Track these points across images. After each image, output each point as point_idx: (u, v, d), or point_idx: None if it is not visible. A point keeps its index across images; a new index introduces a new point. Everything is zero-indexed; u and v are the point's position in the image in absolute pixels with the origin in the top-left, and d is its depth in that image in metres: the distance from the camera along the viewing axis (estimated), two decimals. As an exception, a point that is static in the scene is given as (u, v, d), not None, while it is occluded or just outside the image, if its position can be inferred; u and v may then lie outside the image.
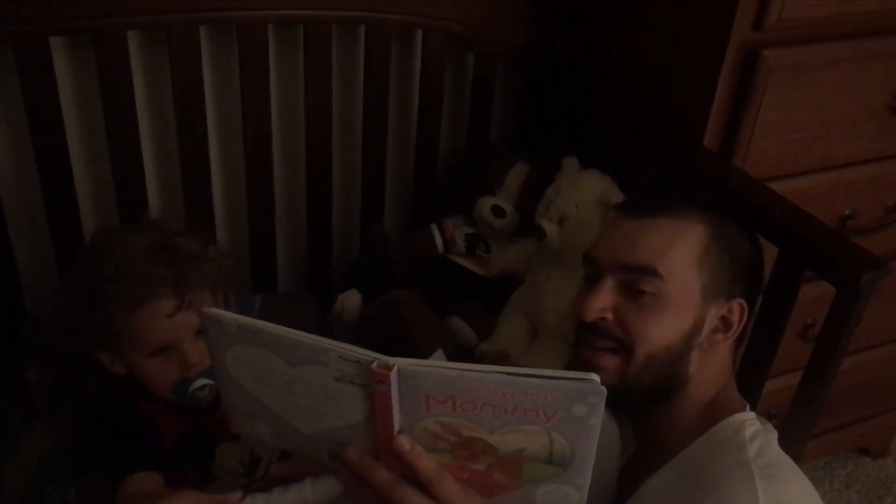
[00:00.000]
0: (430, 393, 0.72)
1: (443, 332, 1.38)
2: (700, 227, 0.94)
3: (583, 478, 0.76)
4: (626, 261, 0.94)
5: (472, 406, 0.72)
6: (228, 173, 1.51)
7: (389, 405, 0.73)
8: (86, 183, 1.39)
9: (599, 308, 0.94)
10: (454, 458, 0.77)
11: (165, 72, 1.33)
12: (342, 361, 0.72)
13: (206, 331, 0.78)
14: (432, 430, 0.75)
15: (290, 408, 0.79)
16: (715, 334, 0.95)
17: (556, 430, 0.72)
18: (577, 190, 1.33)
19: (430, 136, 1.58)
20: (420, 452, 0.76)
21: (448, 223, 1.55)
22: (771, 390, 1.24)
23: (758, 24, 1.17)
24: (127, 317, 0.99)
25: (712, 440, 0.91)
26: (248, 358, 0.77)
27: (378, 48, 1.45)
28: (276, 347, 0.75)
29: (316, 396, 0.76)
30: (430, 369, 0.71)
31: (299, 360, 0.74)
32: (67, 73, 1.31)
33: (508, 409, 0.72)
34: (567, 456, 0.74)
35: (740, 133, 1.23)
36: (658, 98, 1.33)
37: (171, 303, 0.99)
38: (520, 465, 0.76)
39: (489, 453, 0.76)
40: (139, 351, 1.01)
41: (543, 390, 0.70)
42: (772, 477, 0.83)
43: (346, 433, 0.78)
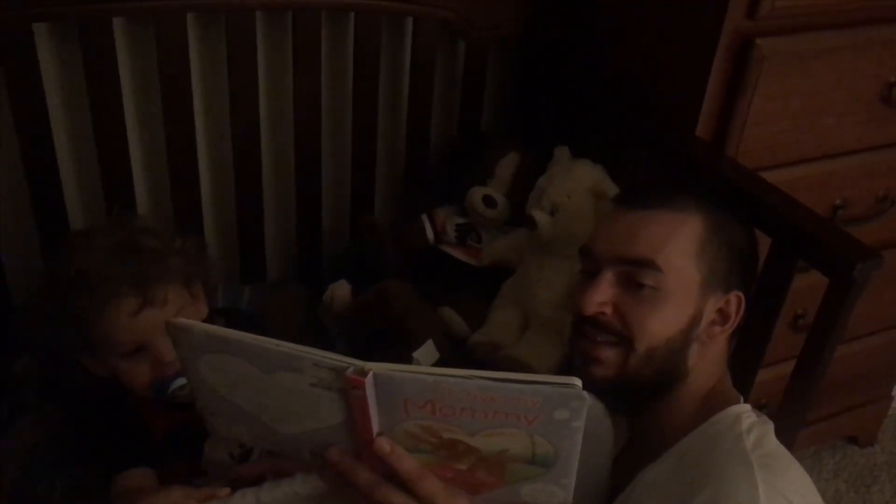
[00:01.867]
0: (408, 397, 0.72)
1: (434, 322, 1.38)
2: (698, 220, 0.94)
3: (568, 477, 0.76)
4: (625, 254, 0.93)
5: (452, 411, 0.72)
6: (216, 162, 1.49)
7: (367, 410, 0.72)
8: (71, 172, 1.38)
9: (598, 302, 0.94)
10: (437, 459, 0.77)
11: (152, 59, 1.31)
12: (317, 368, 0.71)
13: (176, 340, 0.76)
14: (412, 432, 0.74)
15: (267, 411, 0.78)
16: (713, 327, 0.95)
17: (538, 432, 0.72)
18: (569, 179, 1.33)
19: (421, 125, 1.57)
20: (401, 454, 0.75)
21: (439, 213, 1.54)
22: (761, 380, 1.24)
23: (751, 12, 1.16)
24: (93, 319, 0.98)
25: (708, 432, 0.91)
26: (221, 365, 0.76)
27: (368, 35, 1.44)
28: (248, 356, 0.74)
29: (293, 401, 0.75)
30: (406, 375, 0.70)
31: (273, 368, 0.73)
32: (52, 61, 1.29)
33: (489, 413, 0.71)
34: (550, 457, 0.74)
35: (733, 122, 1.23)
36: (651, 87, 1.33)
37: (133, 301, 0.97)
38: (503, 465, 0.76)
39: (471, 454, 0.75)
40: (112, 353, 1.00)
41: (524, 395, 0.69)
42: (770, 467, 0.84)
43: (327, 433, 0.77)
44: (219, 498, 0.79)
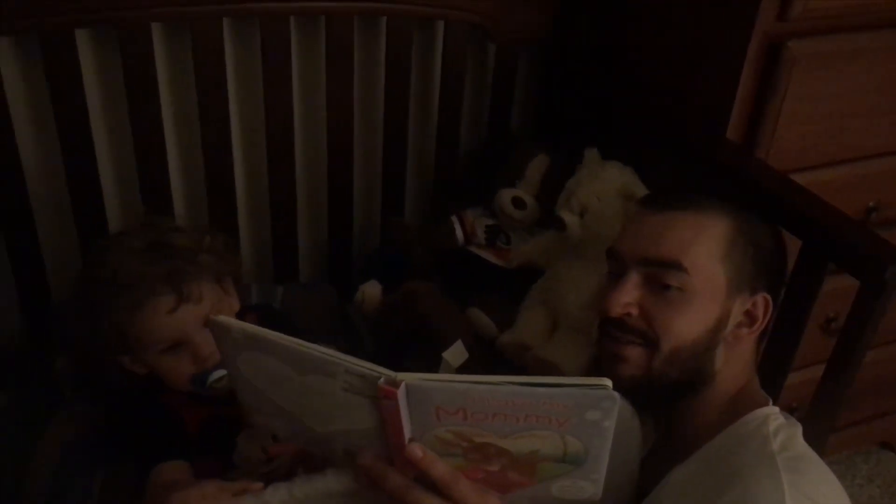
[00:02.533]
0: (440, 405, 0.72)
1: (462, 322, 1.39)
2: (725, 221, 0.94)
3: (598, 473, 0.77)
4: (651, 255, 0.93)
5: (483, 416, 0.72)
6: (251, 165, 1.52)
7: (398, 418, 0.73)
8: (110, 173, 1.41)
9: (624, 303, 0.94)
10: (467, 462, 0.77)
11: (189, 64, 1.34)
12: (349, 375, 0.73)
13: (217, 337, 0.78)
14: (444, 437, 0.75)
15: (302, 409, 0.79)
16: (740, 328, 0.95)
17: (569, 433, 0.73)
18: (599, 181, 1.33)
19: (451, 128, 1.58)
20: (433, 459, 0.76)
21: (468, 215, 1.55)
22: (792, 383, 1.23)
23: (782, 14, 1.16)
24: (131, 320, 1.00)
25: (736, 434, 0.91)
26: (258, 363, 0.78)
27: (399, 40, 1.46)
28: (284, 356, 0.75)
29: (326, 402, 0.76)
30: (438, 384, 0.71)
31: (306, 370, 0.75)
32: (92, 66, 1.33)
33: (520, 417, 0.72)
34: (581, 455, 0.75)
35: (763, 125, 1.23)
36: (681, 89, 1.33)
37: (169, 299, 0.99)
38: (534, 464, 0.77)
39: (503, 456, 0.76)
40: (151, 350, 1.02)
41: (555, 399, 0.70)
42: (797, 470, 0.83)
43: (360, 436, 0.78)
44: (251, 491, 0.81)
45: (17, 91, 1.29)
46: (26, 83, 1.30)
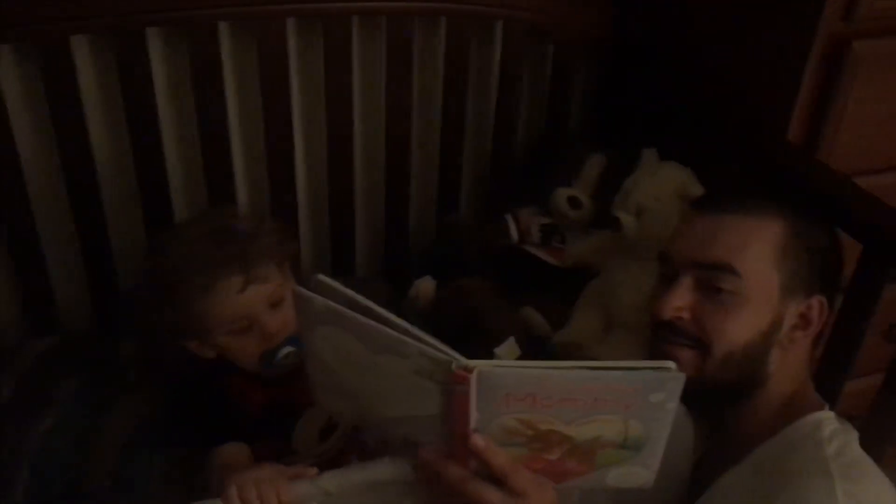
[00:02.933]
0: (510, 392, 0.74)
1: (514, 320, 1.39)
2: (778, 224, 0.93)
3: (654, 458, 0.78)
4: (703, 258, 0.93)
5: (552, 402, 0.73)
6: (311, 161, 1.55)
7: (467, 405, 0.74)
8: (177, 166, 1.45)
9: (676, 307, 0.93)
10: (529, 451, 0.78)
11: (254, 62, 1.38)
12: (422, 357, 0.74)
13: (298, 307, 0.80)
14: (509, 426, 0.76)
15: (370, 389, 0.81)
16: (794, 331, 0.93)
17: (633, 416, 0.74)
18: (656, 181, 1.32)
19: (508, 127, 1.59)
20: (495, 449, 0.78)
21: (523, 213, 1.55)
22: (853, 391, 1.21)
23: (848, 14, 1.14)
24: (202, 302, 1.04)
25: (789, 438, 0.90)
26: (333, 340, 0.79)
27: (458, 39, 1.47)
28: (360, 334, 0.77)
29: (395, 384, 0.78)
30: (510, 370, 0.73)
31: (380, 349, 0.76)
32: (161, 65, 1.37)
33: (588, 402, 0.73)
34: (641, 439, 0.76)
35: (825, 126, 1.21)
36: (741, 89, 1.31)
37: (238, 280, 1.03)
38: (594, 451, 0.77)
39: (565, 443, 0.77)
40: (221, 331, 1.06)
41: (623, 382, 0.72)
42: (851, 476, 0.82)
43: (423, 422, 0.79)
44: (307, 476, 0.83)
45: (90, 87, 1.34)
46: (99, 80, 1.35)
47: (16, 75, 1.29)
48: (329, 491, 0.81)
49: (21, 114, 1.31)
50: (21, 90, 1.30)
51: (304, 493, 0.81)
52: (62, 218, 1.40)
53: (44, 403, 1.21)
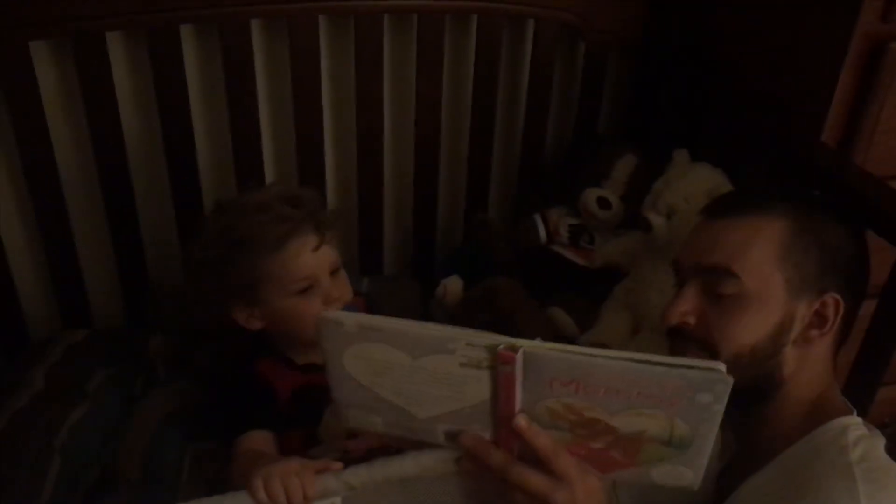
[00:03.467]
0: (555, 376, 0.74)
1: (542, 320, 1.39)
2: (781, 222, 0.91)
3: (700, 459, 0.77)
4: (702, 262, 0.93)
5: (596, 390, 0.74)
6: (341, 159, 1.56)
7: (513, 386, 0.75)
8: (209, 164, 1.47)
9: (681, 311, 0.93)
10: (573, 437, 0.79)
11: (285, 60, 1.39)
12: (470, 348, 0.75)
13: (322, 333, 0.79)
14: (554, 409, 0.77)
15: (408, 396, 0.81)
16: (809, 330, 0.92)
17: (678, 415, 0.73)
18: (688, 183, 1.31)
19: (538, 126, 1.59)
20: (538, 431, 0.79)
21: (552, 213, 1.55)
22: (887, 398, 1.19)
23: (886, 14, 1.12)
24: (274, 257, 1.05)
25: (813, 442, 0.88)
26: (368, 355, 0.79)
27: (489, 37, 1.47)
28: (398, 342, 0.77)
29: (439, 383, 0.78)
30: (556, 354, 0.73)
31: (423, 352, 0.77)
32: (194, 61, 1.39)
33: (632, 394, 0.73)
34: (687, 439, 0.75)
35: (862, 129, 1.19)
36: (775, 90, 1.30)
37: (313, 238, 1.06)
38: (639, 445, 0.77)
39: (609, 433, 0.77)
40: (284, 291, 1.06)
41: (669, 378, 0.71)
42: (875, 481, 0.80)
43: (467, 413, 0.80)
44: (332, 470, 0.83)
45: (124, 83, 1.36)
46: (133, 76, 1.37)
47: (52, 71, 1.32)
48: (354, 486, 0.82)
49: (56, 110, 1.34)
50: (56, 86, 1.33)
51: (329, 487, 0.82)
52: (95, 215, 1.43)
53: (75, 395, 1.23)
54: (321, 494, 0.82)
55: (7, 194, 1.37)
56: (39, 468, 1.11)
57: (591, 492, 0.82)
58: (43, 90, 1.28)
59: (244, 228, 1.05)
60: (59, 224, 1.37)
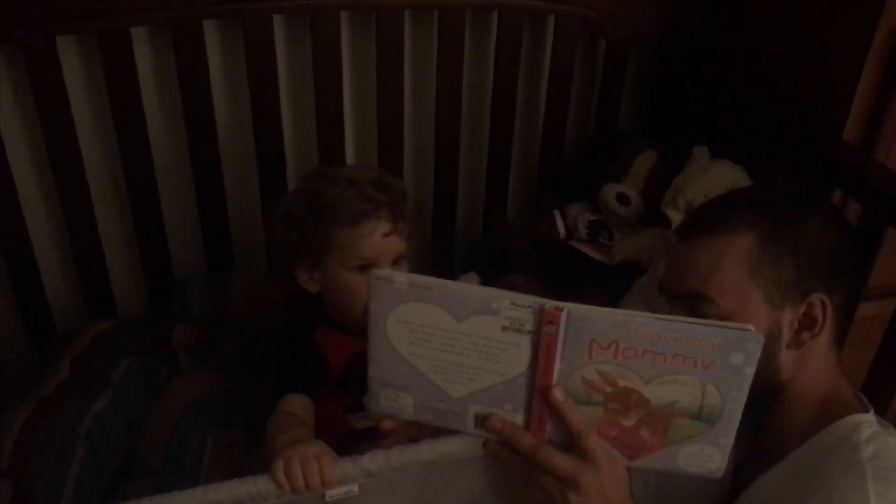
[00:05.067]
0: (595, 337, 0.76)
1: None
2: (748, 236, 0.90)
3: (727, 437, 0.79)
4: (678, 289, 0.93)
5: (634, 352, 0.76)
6: (361, 155, 1.57)
7: (554, 350, 0.77)
8: (231, 159, 1.48)
9: None
10: (606, 412, 0.80)
11: (307, 55, 1.40)
12: (514, 308, 0.77)
13: (373, 291, 0.82)
14: (590, 378, 0.79)
15: (445, 370, 0.83)
16: (801, 333, 0.91)
17: (710, 380, 0.76)
18: (707, 179, 1.31)
19: (558, 122, 1.59)
20: (572, 405, 0.80)
21: (571, 209, 1.55)
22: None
23: (910, 11, 1.11)
24: (347, 230, 1.10)
25: (826, 440, 0.88)
26: (413, 317, 0.81)
27: (510, 34, 1.47)
28: (446, 302, 0.79)
29: (478, 352, 0.80)
30: (598, 313, 0.76)
31: (468, 313, 0.79)
32: (218, 56, 1.41)
33: (668, 356, 0.75)
34: (717, 410, 0.78)
35: (885, 126, 1.18)
36: (797, 87, 1.29)
37: (387, 224, 1.12)
38: (669, 420, 0.79)
39: (641, 406, 0.79)
40: (345, 264, 1.12)
41: (705, 336, 0.74)
42: (887, 479, 0.80)
43: (501, 390, 0.82)
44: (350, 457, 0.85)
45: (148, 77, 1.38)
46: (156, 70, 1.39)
47: (78, 65, 1.34)
48: (372, 471, 0.83)
49: (82, 104, 1.36)
50: (83, 81, 1.35)
51: (347, 472, 0.83)
52: (119, 207, 1.45)
53: (99, 384, 1.25)
54: (339, 479, 0.83)
55: (33, 187, 1.40)
56: (64, 455, 1.13)
57: (617, 479, 0.83)
58: (69, 83, 1.30)
59: (330, 197, 1.11)
60: (84, 216, 1.39)
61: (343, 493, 0.84)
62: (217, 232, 1.48)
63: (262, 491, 0.82)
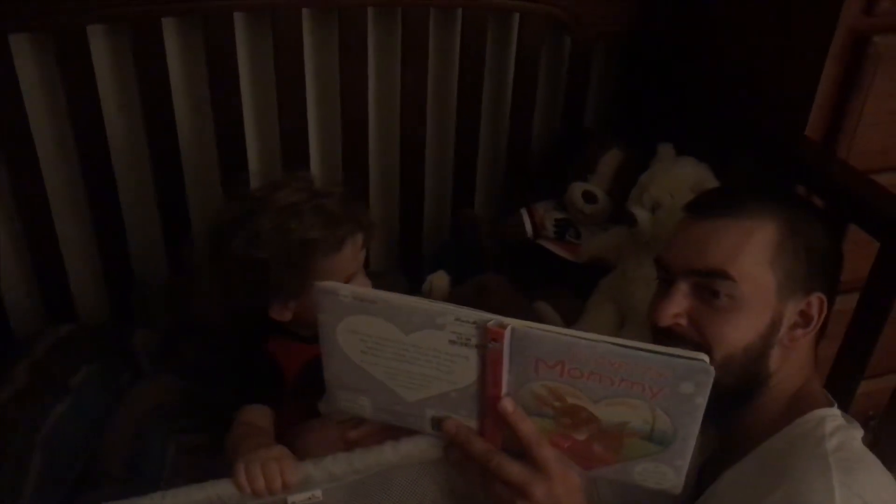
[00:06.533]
0: (540, 357, 0.75)
1: (530, 317, 1.39)
2: (772, 225, 0.91)
3: (682, 459, 0.77)
4: (698, 265, 0.92)
5: (580, 373, 0.74)
6: (326, 155, 1.55)
7: (500, 365, 0.76)
8: (192, 160, 1.46)
9: (673, 314, 0.93)
10: (557, 425, 0.79)
11: (269, 54, 1.38)
12: (459, 323, 0.76)
13: (320, 303, 0.80)
14: (538, 393, 0.77)
15: (398, 376, 0.82)
16: (795, 330, 0.92)
17: (660, 406, 0.74)
18: (672, 177, 1.31)
19: (524, 120, 1.59)
20: (522, 415, 0.80)
21: (538, 208, 1.55)
22: (873, 390, 1.20)
23: (869, 8, 1.13)
24: (328, 258, 1.07)
25: (792, 434, 0.89)
26: (361, 329, 0.80)
27: (475, 31, 1.47)
28: (392, 315, 0.78)
29: (428, 362, 0.79)
30: (542, 333, 0.74)
31: (415, 327, 0.77)
32: (177, 55, 1.38)
33: (615, 380, 0.74)
34: (668, 434, 0.76)
35: (845, 122, 1.19)
36: (760, 84, 1.30)
37: (360, 236, 1.11)
38: (621, 438, 0.78)
39: (592, 423, 0.78)
40: None
41: (651, 364, 0.72)
42: (850, 470, 0.81)
43: (454, 397, 0.81)
44: None
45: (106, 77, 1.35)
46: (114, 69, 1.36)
47: (33, 65, 1.31)
48: (335, 474, 0.82)
49: (38, 104, 1.33)
50: (38, 81, 1.32)
51: (309, 474, 0.82)
52: (78, 209, 1.42)
53: (58, 390, 1.23)
54: (301, 481, 0.82)
55: (-11, 190, 1.37)
56: (21, 464, 1.11)
57: (570, 488, 0.82)
58: (24, 83, 1.27)
59: (304, 231, 1.06)
60: (42, 218, 1.36)
61: (306, 498, 0.83)
62: (178, 234, 1.45)
63: (222, 495, 0.81)
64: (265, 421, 1.02)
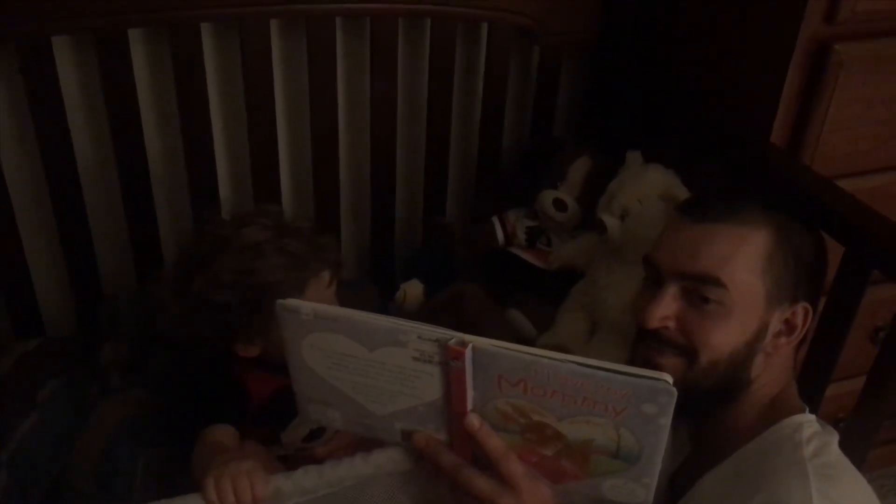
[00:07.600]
0: (502, 374, 0.75)
1: (505, 324, 1.39)
2: (764, 233, 0.92)
3: (650, 476, 0.77)
4: (689, 269, 0.92)
5: (543, 392, 0.74)
6: (296, 164, 1.54)
7: (464, 382, 0.76)
8: (160, 171, 1.44)
9: (661, 316, 0.93)
10: (524, 441, 0.79)
11: (237, 64, 1.37)
12: (421, 341, 0.75)
13: (281, 321, 0.80)
14: (503, 409, 0.77)
15: (365, 391, 0.81)
16: (779, 338, 0.93)
17: (624, 425, 0.73)
18: (641, 184, 1.32)
19: (494, 129, 1.59)
20: (489, 431, 0.79)
21: (509, 216, 1.55)
22: (839, 394, 1.21)
23: (830, 16, 1.14)
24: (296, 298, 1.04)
25: (769, 440, 0.90)
26: (325, 345, 0.79)
27: (443, 41, 1.47)
28: (354, 333, 0.77)
29: (393, 377, 0.79)
30: (503, 351, 0.74)
31: (377, 344, 0.77)
32: (145, 67, 1.37)
33: (578, 399, 0.73)
34: (634, 452, 0.75)
35: (809, 129, 1.21)
36: (725, 92, 1.32)
37: (326, 274, 1.09)
38: (588, 455, 0.78)
39: (558, 440, 0.77)
40: None
41: (614, 385, 0.71)
42: (827, 476, 0.82)
43: (422, 411, 0.80)
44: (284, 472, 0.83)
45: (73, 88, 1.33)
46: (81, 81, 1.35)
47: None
48: (307, 488, 0.81)
49: (2, 118, 1.31)
50: (3, 92, 1.30)
51: (280, 488, 0.81)
52: (45, 222, 1.40)
53: (25, 404, 1.21)
54: (272, 495, 0.81)
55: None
56: (-13, 480, 1.09)
57: (540, 501, 0.81)
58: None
59: (266, 274, 1.04)
60: (6, 228, 1.34)
61: (280, 513, 0.82)
62: (146, 246, 1.44)
63: (192, 511, 0.80)
64: (232, 440, 1.01)
